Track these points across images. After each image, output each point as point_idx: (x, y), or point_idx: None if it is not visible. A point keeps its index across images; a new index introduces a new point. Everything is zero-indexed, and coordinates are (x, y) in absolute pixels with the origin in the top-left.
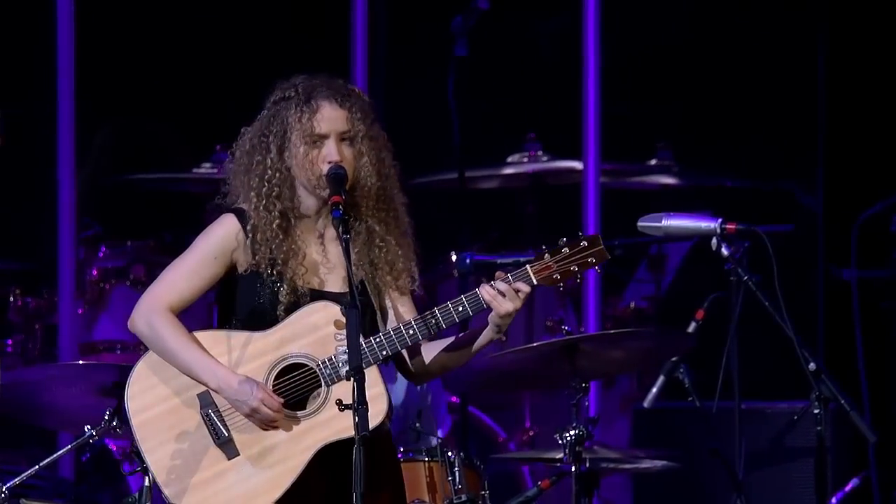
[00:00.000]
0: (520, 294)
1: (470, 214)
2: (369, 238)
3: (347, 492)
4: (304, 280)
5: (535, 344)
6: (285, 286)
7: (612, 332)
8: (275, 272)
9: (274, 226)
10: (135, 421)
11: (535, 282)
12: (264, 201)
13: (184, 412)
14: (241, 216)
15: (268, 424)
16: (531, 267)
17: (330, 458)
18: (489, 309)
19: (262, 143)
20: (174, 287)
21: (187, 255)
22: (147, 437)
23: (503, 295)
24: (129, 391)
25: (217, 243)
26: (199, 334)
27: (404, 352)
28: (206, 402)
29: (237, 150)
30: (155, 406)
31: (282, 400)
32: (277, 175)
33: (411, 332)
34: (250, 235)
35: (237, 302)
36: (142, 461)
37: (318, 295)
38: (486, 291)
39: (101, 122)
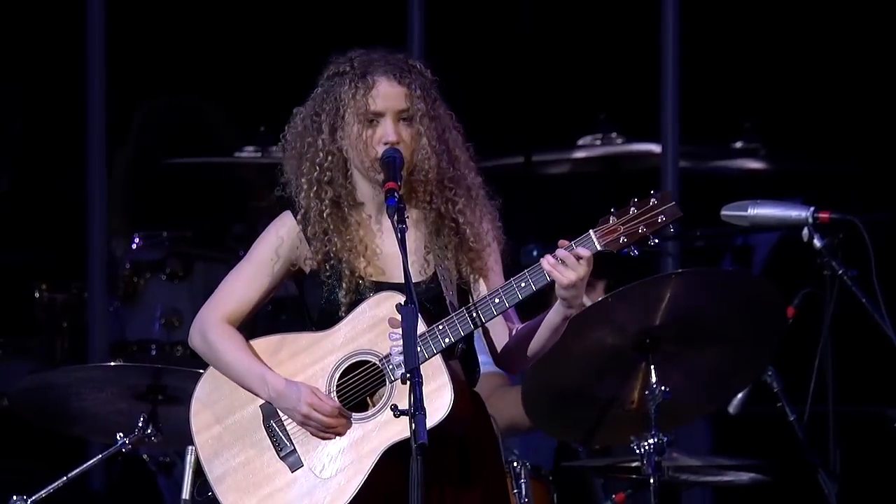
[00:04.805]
0: (581, 261)
1: (537, 202)
2: (438, 222)
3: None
4: (365, 273)
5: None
6: (345, 283)
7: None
8: (332, 268)
9: (325, 216)
10: (199, 439)
11: (598, 247)
12: (315, 188)
13: (247, 426)
14: (300, 216)
15: (324, 431)
16: (594, 231)
17: (398, 458)
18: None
19: (315, 123)
20: (231, 297)
21: (245, 261)
22: (210, 457)
23: (564, 263)
24: (192, 409)
25: (274, 245)
26: (261, 340)
27: (495, 339)
28: (269, 413)
29: (289, 132)
30: (219, 422)
31: (336, 403)
32: (330, 158)
33: (474, 314)
34: (305, 230)
35: (308, 305)
36: (206, 484)
37: (384, 287)
38: (546, 261)
39: (134, 103)
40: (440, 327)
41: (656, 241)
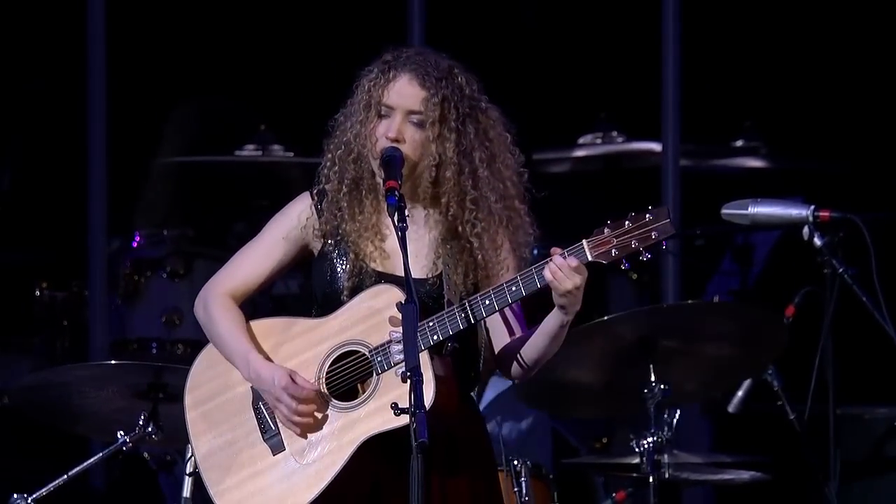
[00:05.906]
0: (576, 270)
1: (536, 201)
2: (454, 232)
3: (396, 487)
4: (370, 258)
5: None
6: (349, 265)
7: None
8: (336, 244)
9: (342, 193)
10: (189, 416)
11: (589, 257)
12: (337, 166)
13: (237, 406)
14: (316, 190)
15: (296, 416)
16: (587, 241)
17: (378, 450)
18: (545, 287)
19: (350, 105)
20: (238, 271)
21: (256, 238)
22: (199, 433)
23: (560, 271)
24: (187, 384)
25: (287, 222)
26: (260, 322)
27: (496, 344)
28: (258, 394)
29: (339, 112)
30: (210, 400)
31: (312, 387)
32: (357, 140)
33: (463, 314)
34: (320, 204)
35: (314, 287)
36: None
37: (386, 278)
38: (548, 269)
39: (135, 102)
40: (430, 324)
41: (648, 256)
